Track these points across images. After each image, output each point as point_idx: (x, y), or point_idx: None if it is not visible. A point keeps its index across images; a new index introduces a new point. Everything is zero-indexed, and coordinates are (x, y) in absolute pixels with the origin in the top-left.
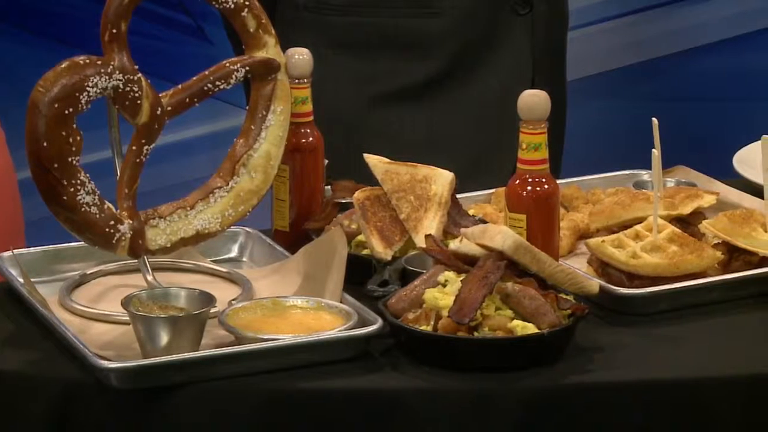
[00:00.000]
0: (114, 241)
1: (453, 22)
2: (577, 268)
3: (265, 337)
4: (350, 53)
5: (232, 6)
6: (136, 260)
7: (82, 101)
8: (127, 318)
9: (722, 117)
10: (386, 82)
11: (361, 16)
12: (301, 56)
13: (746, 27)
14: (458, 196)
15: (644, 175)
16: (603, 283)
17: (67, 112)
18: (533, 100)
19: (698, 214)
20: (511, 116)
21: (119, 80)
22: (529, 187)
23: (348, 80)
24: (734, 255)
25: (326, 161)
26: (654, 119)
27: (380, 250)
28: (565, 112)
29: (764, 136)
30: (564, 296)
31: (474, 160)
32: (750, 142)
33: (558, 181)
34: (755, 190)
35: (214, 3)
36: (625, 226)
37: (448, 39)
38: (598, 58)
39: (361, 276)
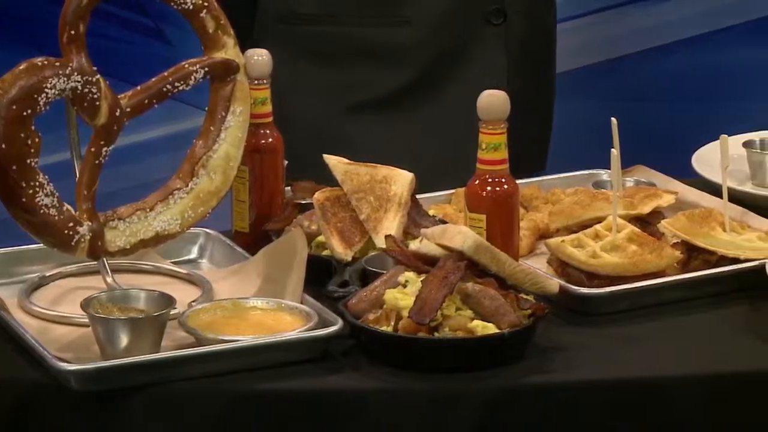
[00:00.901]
0: (73, 243)
1: (424, 32)
2: (537, 267)
3: (226, 338)
4: (322, 63)
5: (191, 7)
6: (95, 262)
7: (41, 103)
8: (87, 320)
9: (681, 116)
10: (359, 92)
11: (333, 26)
12: (260, 57)
13: (705, 26)
14: (418, 196)
15: (603, 174)
16: (563, 282)
17: (25, 113)
18: (492, 100)
19: (657, 214)
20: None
21: (78, 82)
22: (488, 188)
23: (321, 90)
24: (693, 254)
25: (286, 162)
26: (613, 119)
27: (340, 250)
28: (551, 117)
29: (722, 135)
30: (524, 296)
31: (443, 170)
32: (708, 142)
33: (518, 181)
34: (714, 190)
35: (172, 4)
36: (584, 225)
37: (419, 49)
38: (558, 58)
39: (322, 277)
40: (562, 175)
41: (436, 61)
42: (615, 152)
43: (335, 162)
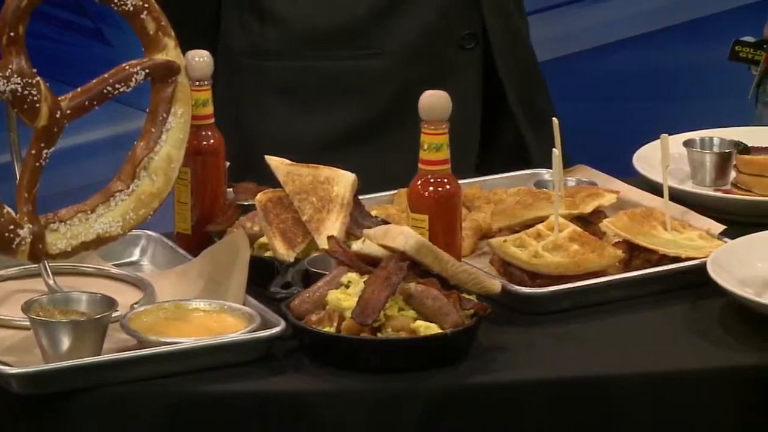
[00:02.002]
0: (14, 246)
1: (395, 63)
2: (480, 267)
3: (168, 340)
4: (291, 98)
5: (131, 8)
6: (36, 265)
7: None
8: (28, 323)
9: (622, 116)
10: (329, 126)
11: (299, 60)
12: (201, 58)
13: (646, 27)
14: (360, 197)
15: (545, 174)
16: (505, 282)
17: None
18: (434, 100)
19: (599, 213)
20: (458, 151)
21: (17, 84)
22: (430, 188)
23: (290, 126)
24: (635, 253)
25: (227, 163)
26: (554, 119)
27: (283, 251)
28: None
29: (663, 134)
30: (466, 296)
31: None
32: (649, 141)
33: (460, 181)
34: (655, 189)
35: (112, 5)
36: (526, 225)
37: (389, 80)
38: None
39: (264, 278)
40: (504, 175)
41: (407, 91)
42: (556, 152)
43: (277, 163)
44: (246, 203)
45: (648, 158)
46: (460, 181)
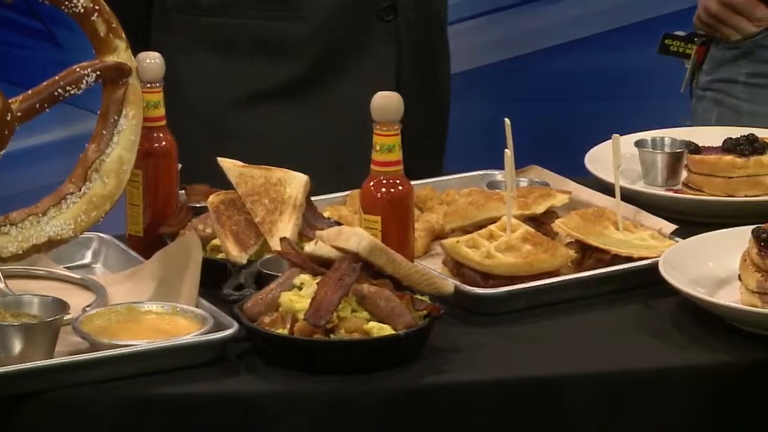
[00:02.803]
0: None
1: (316, 27)
2: (432, 268)
3: (120, 343)
4: (219, 54)
5: (81, 10)
6: None
7: None
8: None
9: (573, 116)
10: (254, 83)
11: (229, 17)
12: (152, 60)
13: (597, 27)
14: (313, 198)
15: (497, 175)
16: (458, 283)
17: None
18: (386, 101)
19: (551, 213)
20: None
21: None
22: (383, 189)
23: (216, 80)
24: (587, 253)
25: (179, 165)
26: (506, 119)
27: (235, 253)
28: (447, 114)
29: (614, 135)
30: (419, 297)
31: (335, 164)
32: (601, 141)
33: (412, 182)
34: (607, 189)
35: (62, 7)
36: (479, 226)
37: (311, 43)
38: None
39: (217, 280)
40: (456, 175)
41: (328, 55)
42: (509, 152)
43: (229, 165)
44: (198, 205)
45: (600, 158)
46: (412, 182)
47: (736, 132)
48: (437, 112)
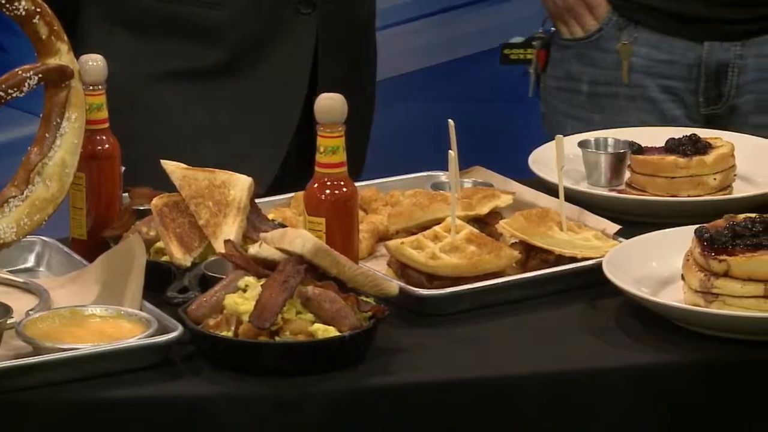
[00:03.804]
0: None
1: (234, 15)
2: (377, 270)
3: (64, 346)
4: (139, 34)
5: (23, 13)
6: None
7: None
8: None
9: (517, 117)
10: (172, 62)
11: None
12: (95, 63)
13: (539, 28)
14: (258, 200)
15: (442, 176)
16: (402, 284)
17: None
18: (329, 103)
19: (495, 214)
20: (287, 113)
21: None
22: (327, 191)
23: (134, 58)
24: (531, 254)
25: (123, 168)
26: (450, 120)
27: (179, 256)
28: (371, 114)
29: (558, 135)
30: (364, 299)
31: (244, 153)
32: (544, 142)
33: (357, 184)
34: (550, 190)
35: (4, 10)
36: (423, 227)
37: (229, 31)
38: (396, 60)
39: (161, 283)
40: (401, 177)
41: (243, 45)
42: (452, 154)
43: (173, 167)
44: (142, 208)
45: (543, 159)
46: (357, 184)
47: (679, 132)
48: (358, 114)
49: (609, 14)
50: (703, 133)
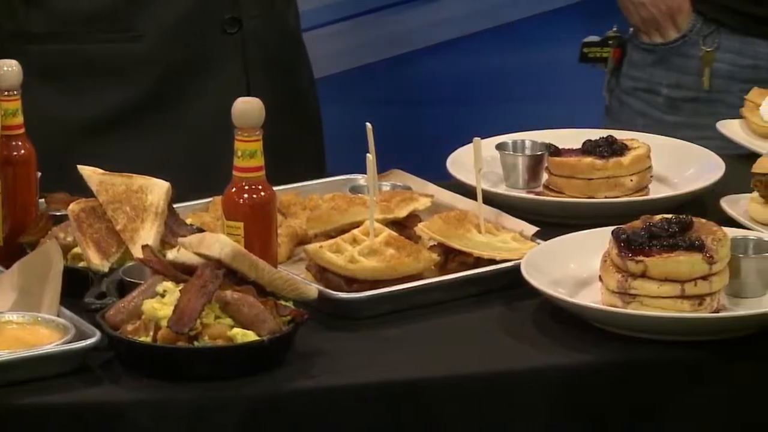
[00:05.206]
0: None
1: (156, 45)
2: (296, 274)
3: None
4: (54, 82)
5: None
6: None
7: None
8: None
9: (435, 120)
10: (94, 110)
11: (61, 43)
12: (9, 68)
13: (457, 32)
14: (175, 205)
15: (360, 179)
16: (321, 288)
17: None
18: (246, 107)
19: (414, 217)
20: (228, 134)
21: None
22: (245, 195)
23: (56, 110)
24: (450, 256)
25: (39, 174)
26: (368, 124)
27: (97, 262)
28: (316, 124)
29: (475, 138)
30: (283, 303)
31: (193, 182)
32: (462, 145)
33: (274, 188)
34: (468, 192)
35: None
36: (342, 230)
37: (151, 62)
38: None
39: (78, 289)
40: (319, 180)
41: (172, 74)
42: (370, 157)
43: (90, 173)
44: (59, 213)
45: (461, 162)
46: (275, 188)
47: (595, 134)
48: (301, 123)
49: (693, 20)
50: (620, 134)
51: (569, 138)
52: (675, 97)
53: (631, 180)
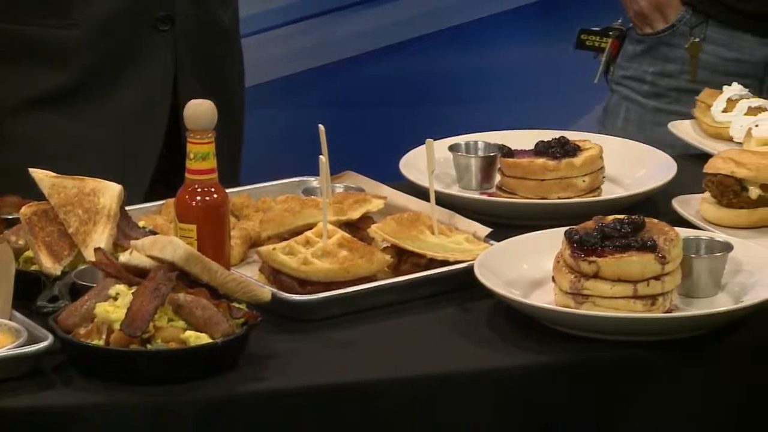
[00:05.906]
0: None
1: (90, 35)
2: (249, 276)
3: None
4: None
5: None
6: None
7: None
8: None
9: (387, 122)
10: (26, 89)
11: (5, 23)
12: None
13: (409, 33)
14: (128, 208)
15: (313, 181)
16: (275, 290)
17: None
18: (199, 109)
19: (367, 219)
20: (154, 129)
21: None
22: (198, 197)
23: None
24: (403, 258)
25: None
26: (320, 126)
27: (49, 265)
28: (240, 127)
29: (428, 139)
30: (236, 305)
31: (117, 172)
32: (415, 146)
33: (228, 190)
34: (421, 193)
35: None
36: (295, 232)
37: (84, 50)
38: (264, 66)
39: (30, 292)
40: (272, 183)
41: (102, 64)
42: (323, 159)
43: (42, 176)
44: (10, 216)
45: (414, 163)
46: (228, 190)
47: (548, 135)
48: (223, 123)
49: (682, 12)
50: (572, 135)
51: (522, 139)
52: (659, 85)
53: (584, 181)
